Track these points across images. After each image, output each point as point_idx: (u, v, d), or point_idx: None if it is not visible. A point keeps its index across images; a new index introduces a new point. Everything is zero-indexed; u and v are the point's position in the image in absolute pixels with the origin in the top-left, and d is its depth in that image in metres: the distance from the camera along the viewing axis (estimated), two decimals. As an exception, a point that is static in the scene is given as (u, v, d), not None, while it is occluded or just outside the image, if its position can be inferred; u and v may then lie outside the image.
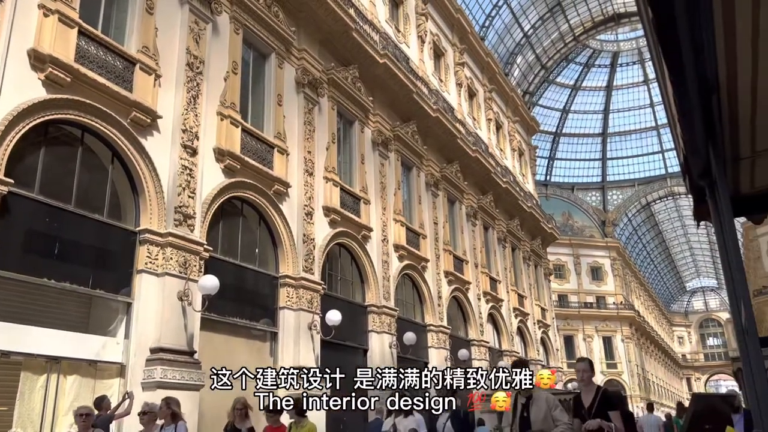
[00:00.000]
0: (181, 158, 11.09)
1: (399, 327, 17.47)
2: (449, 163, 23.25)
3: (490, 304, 25.18)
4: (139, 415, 7.11)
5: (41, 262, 8.93)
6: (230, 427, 6.61)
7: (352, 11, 17.00)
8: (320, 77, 15.92)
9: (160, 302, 10.15)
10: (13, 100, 8.54)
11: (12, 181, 8.34)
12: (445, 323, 20.56)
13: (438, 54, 25.19)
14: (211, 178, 11.90)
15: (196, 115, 11.63)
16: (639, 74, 57.67)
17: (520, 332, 28.86)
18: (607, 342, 51.55)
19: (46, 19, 9.20)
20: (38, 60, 9.01)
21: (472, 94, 28.41)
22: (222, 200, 12.17)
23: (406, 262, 18.83)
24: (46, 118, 9.06)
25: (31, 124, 8.78)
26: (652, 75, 51.61)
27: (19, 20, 8.89)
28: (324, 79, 16.14)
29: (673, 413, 24.04)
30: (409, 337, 17.34)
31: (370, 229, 17.08)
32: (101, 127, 9.88)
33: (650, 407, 17.32)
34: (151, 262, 10.24)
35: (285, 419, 7.16)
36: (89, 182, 10.05)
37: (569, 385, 34.45)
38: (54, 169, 9.46)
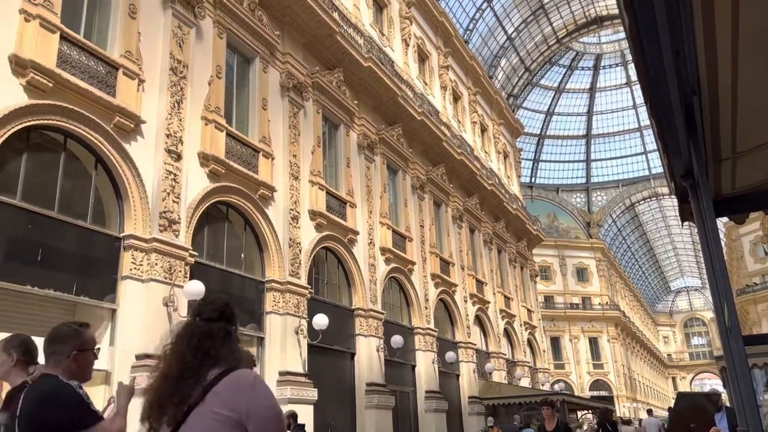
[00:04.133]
0: (165, 163, 11.01)
1: (386, 330, 17.46)
2: (435, 166, 23.30)
3: (477, 306, 25.23)
4: None
5: (24, 269, 8.81)
6: None
7: (336, 15, 17.00)
8: (305, 81, 15.90)
9: (145, 308, 10.06)
10: (-7, 105, 8.44)
11: (-7, 187, 8.24)
12: (432, 326, 20.57)
13: (422, 57, 25.26)
14: (195, 183, 11.82)
15: (180, 120, 11.55)
16: (622, 76, 58.28)
17: (507, 334, 28.96)
18: (594, 342, 51.90)
19: (27, 24, 9.11)
20: (19, 65, 8.91)
21: (456, 97, 28.51)
22: (207, 205, 12.09)
23: (392, 265, 18.82)
24: (28, 123, 8.96)
25: (12, 130, 8.68)
26: (635, 77, 52.13)
27: (0, 25, 8.79)
28: (309, 83, 16.12)
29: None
30: (397, 340, 17.31)
31: (356, 233, 17.06)
32: (84, 133, 9.79)
33: (650, 412, 20.66)
34: (135, 268, 10.15)
35: None
36: (72, 188, 9.95)
37: (556, 386, 34.65)
38: (36, 175, 9.35)
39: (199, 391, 1.92)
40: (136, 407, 2.30)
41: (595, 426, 20.08)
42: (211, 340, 2.01)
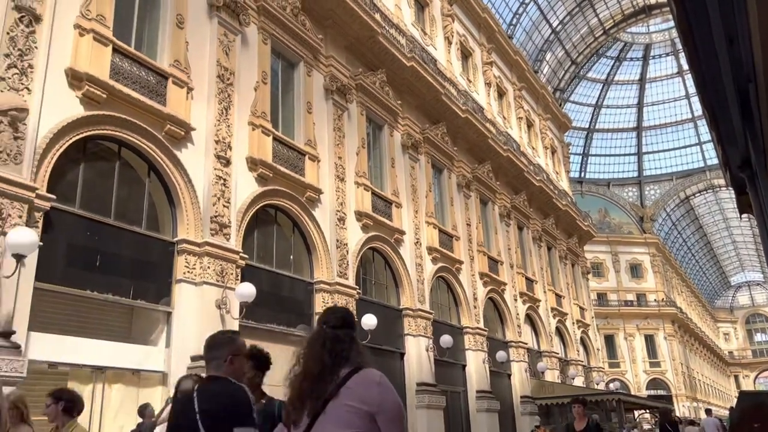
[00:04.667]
0: (215, 169, 11.26)
1: (435, 330, 17.40)
2: (480, 164, 23.09)
3: (527, 305, 24.87)
4: None
5: (84, 274, 9.16)
6: None
7: (377, 16, 17.05)
8: (348, 83, 16.00)
9: (198, 311, 10.31)
10: (52, 118, 8.81)
11: (54, 196, 8.60)
12: (481, 325, 20.38)
13: (465, 54, 25.07)
14: (244, 187, 12.05)
15: (228, 126, 11.80)
16: (673, 65, 56.44)
17: (559, 332, 28.44)
18: (650, 340, 50.41)
19: (82, 38, 9.47)
20: (75, 78, 9.27)
21: (501, 93, 28.17)
22: (256, 208, 12.31)
23: (439, 264, 18.74)
24: (85, 134, 9.31)
25: (70, 141, 9.04)
26: (686, 66, 50.40)
27: (57, 40, 9.16)
28: (352, 84, 16.22)
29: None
30: (446, 339, 17.23)
31: (402, 233, 17.06)
32: (137, 141, 10.11)
33: (708, 412, 20.75)
34: (189, 272, 10.42)
35: None
36: (127, 195, 10.29)
37: (611, 385, 33.82)
38: (93, 184, 9.71)
39: (334, 387, 2.29)
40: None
41: (655, 427, 19.60)
42: (341, 344, 2.40)
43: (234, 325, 10.85)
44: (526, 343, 23.67)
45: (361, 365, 2.35)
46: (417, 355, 16.41)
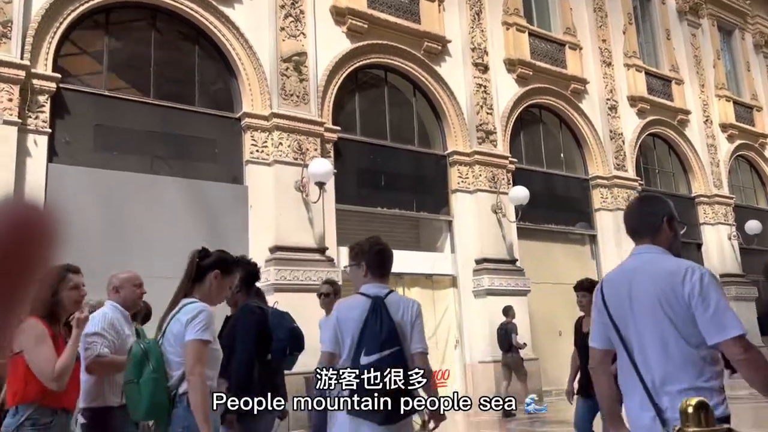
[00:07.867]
0: (474, 77, 11.31)
1: (738, 216, 15.46)
2: (784, 14, 19.05)
3: None
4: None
5: (373, 193, 10.21)
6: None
7: None
8: (605, -46, 14.37)
9: (476, 217, 10.75)
10: (326, 56, 9.72)
11: (339, 128, 9.63)
12: (799, 206, 17.47)
13: None
14: (505, 91, 11.90)
15: (482, 31, 11.64)
16: None
17: None
18: None
19: (338, -24, 10.10)
20: (339, 14, 10.02)
21: None
22: (519, 110, 12.12)
23: (738, 142, 16.35)
24: (355, 65, 10.12)
25: (344, 75, 9.93)
26: None
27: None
28: (610, -45, 14.53)
29: None
30: (753, 226, 15.25)
31: (687, 112, 15.19)
32: (400, 64, 10.63)
33: None
34: (462, 181, 10.86)
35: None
36: (399, 116, 11.00)
37: None
38: (368, 111, 10.59)
39: None
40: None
41: None
42: None
43: (512, 228, 11.10)
44: None
45: None
46: (717, 245, 14.85)
